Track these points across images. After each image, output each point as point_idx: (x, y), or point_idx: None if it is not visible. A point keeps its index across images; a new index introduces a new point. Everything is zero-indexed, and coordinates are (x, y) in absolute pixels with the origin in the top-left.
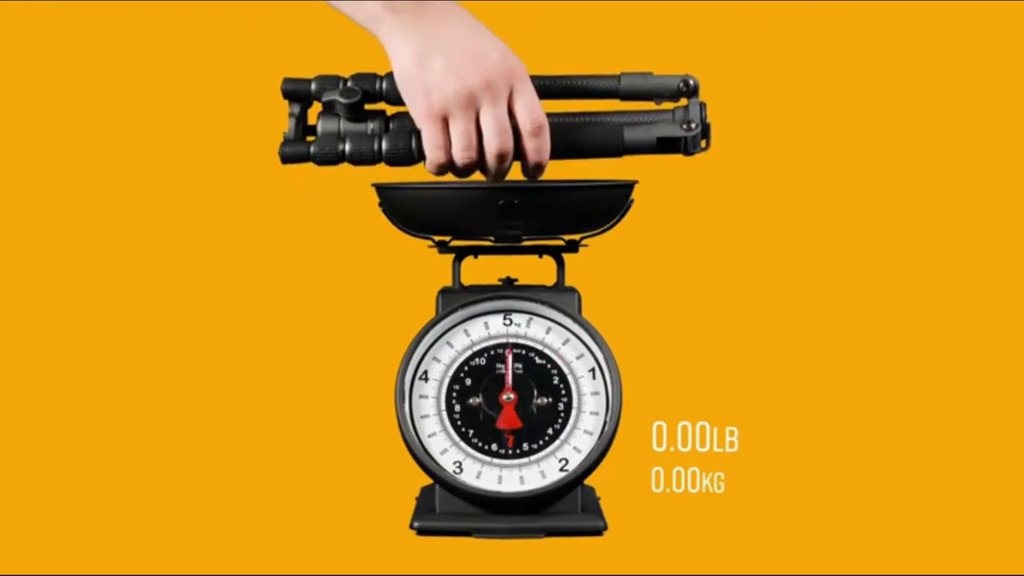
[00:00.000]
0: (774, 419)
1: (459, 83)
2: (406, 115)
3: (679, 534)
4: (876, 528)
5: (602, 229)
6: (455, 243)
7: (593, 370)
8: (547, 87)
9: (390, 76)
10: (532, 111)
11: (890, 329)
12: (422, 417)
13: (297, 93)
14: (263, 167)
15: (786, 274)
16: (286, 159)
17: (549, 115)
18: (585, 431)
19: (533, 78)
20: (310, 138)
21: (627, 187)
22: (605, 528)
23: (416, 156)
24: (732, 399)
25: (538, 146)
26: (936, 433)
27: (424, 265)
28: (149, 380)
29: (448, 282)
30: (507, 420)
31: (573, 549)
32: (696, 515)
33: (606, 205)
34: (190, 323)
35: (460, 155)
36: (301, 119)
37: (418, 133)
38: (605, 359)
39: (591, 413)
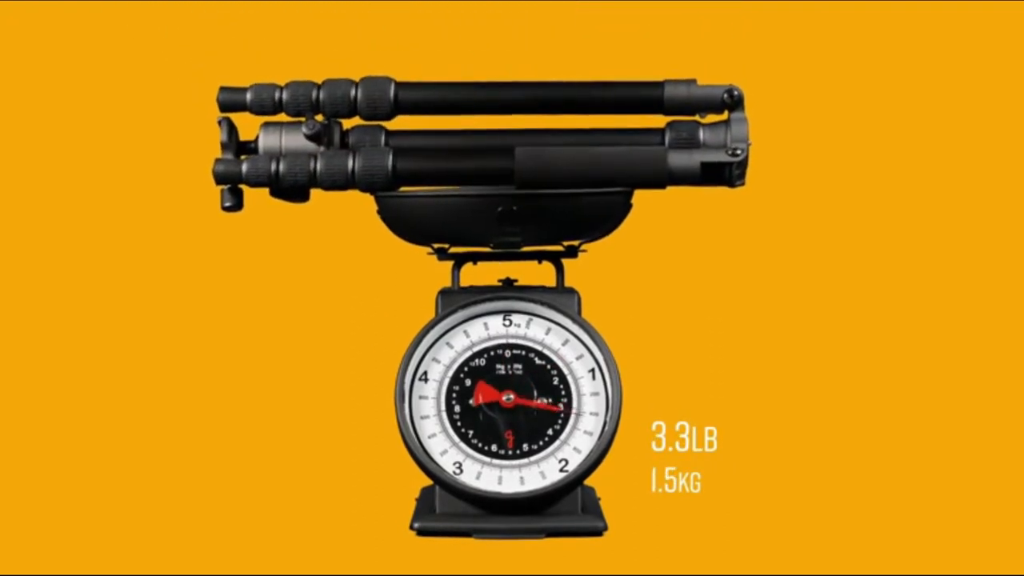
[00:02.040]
0: (774, 419)
1: None
2: (366, 131)
3: (680, 534)
4: (881, 530)
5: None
6: (454, 250)
7: (593, 371)
8: (576, 98)
9: (328, 84)
10: None
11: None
12: (422, 418)
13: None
14: None
15: (785, 275)
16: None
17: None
18: (585, 432)
19: (563, 85)
20: (243, 156)
21: (627, 193)
22: (605, 528)
23: (392, 178)
24: (734, 399)
25: None
26: (916, 436)
27: (424, 267)
28: (150, 382)
29: (448, 284)
30: (483, 394)
31: (573, 549)
32: (697, 515)
33: (606, 212)
34: (191, 326)
35: None
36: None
37: (394, 151)
38: (605, 360)
39: (591, 414)
